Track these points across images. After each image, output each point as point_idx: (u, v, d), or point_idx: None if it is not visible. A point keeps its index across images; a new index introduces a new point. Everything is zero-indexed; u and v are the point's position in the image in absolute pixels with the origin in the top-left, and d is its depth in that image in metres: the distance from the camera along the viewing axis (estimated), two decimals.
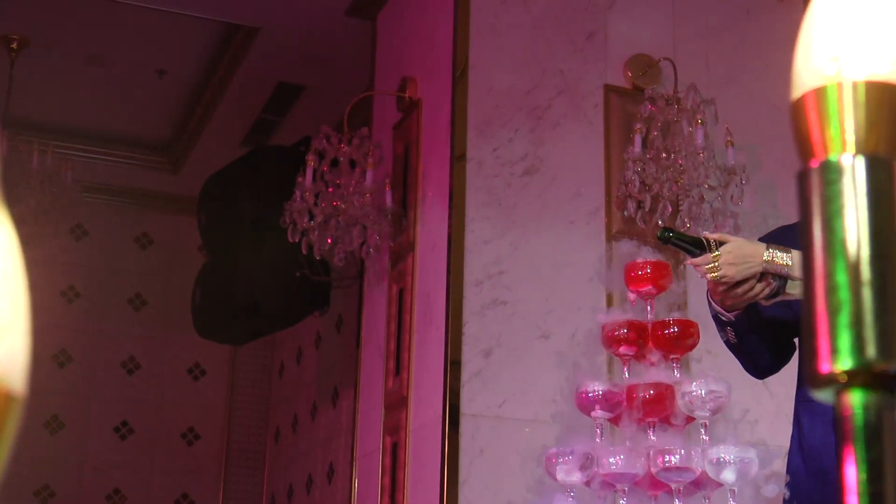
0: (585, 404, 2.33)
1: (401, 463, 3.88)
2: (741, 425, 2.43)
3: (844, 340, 0.49)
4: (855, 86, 0.53)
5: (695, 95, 3.90)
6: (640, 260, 2.40)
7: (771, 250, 2.32)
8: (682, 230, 3.73)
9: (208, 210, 5.28)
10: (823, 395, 0.51)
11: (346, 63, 5.16)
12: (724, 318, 2.47)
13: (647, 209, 3.84)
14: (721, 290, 2.37)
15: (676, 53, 4.09)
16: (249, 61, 5.34)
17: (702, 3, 4.25)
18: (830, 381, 0.50)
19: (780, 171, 4.08)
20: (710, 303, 2.50)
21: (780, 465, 2.52)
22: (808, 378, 0.51)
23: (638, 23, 4.14)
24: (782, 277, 2.28)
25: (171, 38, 5.37)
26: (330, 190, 4.17)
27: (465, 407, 3.63)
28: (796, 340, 2.48)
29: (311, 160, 4.19)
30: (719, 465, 2.23)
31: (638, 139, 3.84)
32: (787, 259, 2.27)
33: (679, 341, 2.36)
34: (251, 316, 5.09)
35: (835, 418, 0.50)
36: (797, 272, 2.28)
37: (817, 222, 0.52)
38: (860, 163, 0.53)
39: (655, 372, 2.36)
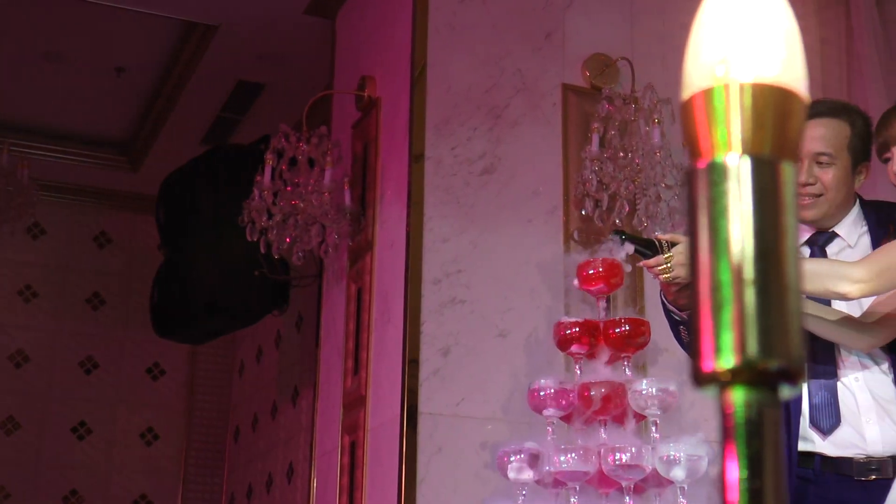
0: (537, 403, 2.33)
1: (359, 462, 3.88)
2: (695, 423, 2.45)
3: (727, 339, 0.50)
4: (742, 88, 0.53)
5: (652, 95, 3.92)
6: (591, 259, 2.41)
7: None
8: (637, 230, 3.75)
9: (167, 208, 5.24)
10: (707, 393, 0.51)
11: (306, 62, 5.14)
12: (677, 317, 2.49)
13: (604, 208, 3.85)
14: (674, 290, 2.39)
15: (634, 53, 4.11)
16: (208, 59, 5.31)
17: (659, 3, 4.27)
18: (713, 378, 0.50)
19: None
20: (663, 302, 2.52)
21: None
22: (693, 376, 0.52)
23: (596, 22, 4.16)
24: None
25: (129, 36, 5.33)
26: (288, 189, 4.15)
27: (423, 406, 3.63)
28: None
29: (269, 159, 4.17)
30: (669, 462, 2.24)
31: (595, 138, 3.85)
32: None
33: (630, 340, 2.37)
34: (210, 315, 5.07)
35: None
36: None
37: (703, 222, 0.52)
38: (745, 163, 0.53)
39: (608, 371, 2.37)
